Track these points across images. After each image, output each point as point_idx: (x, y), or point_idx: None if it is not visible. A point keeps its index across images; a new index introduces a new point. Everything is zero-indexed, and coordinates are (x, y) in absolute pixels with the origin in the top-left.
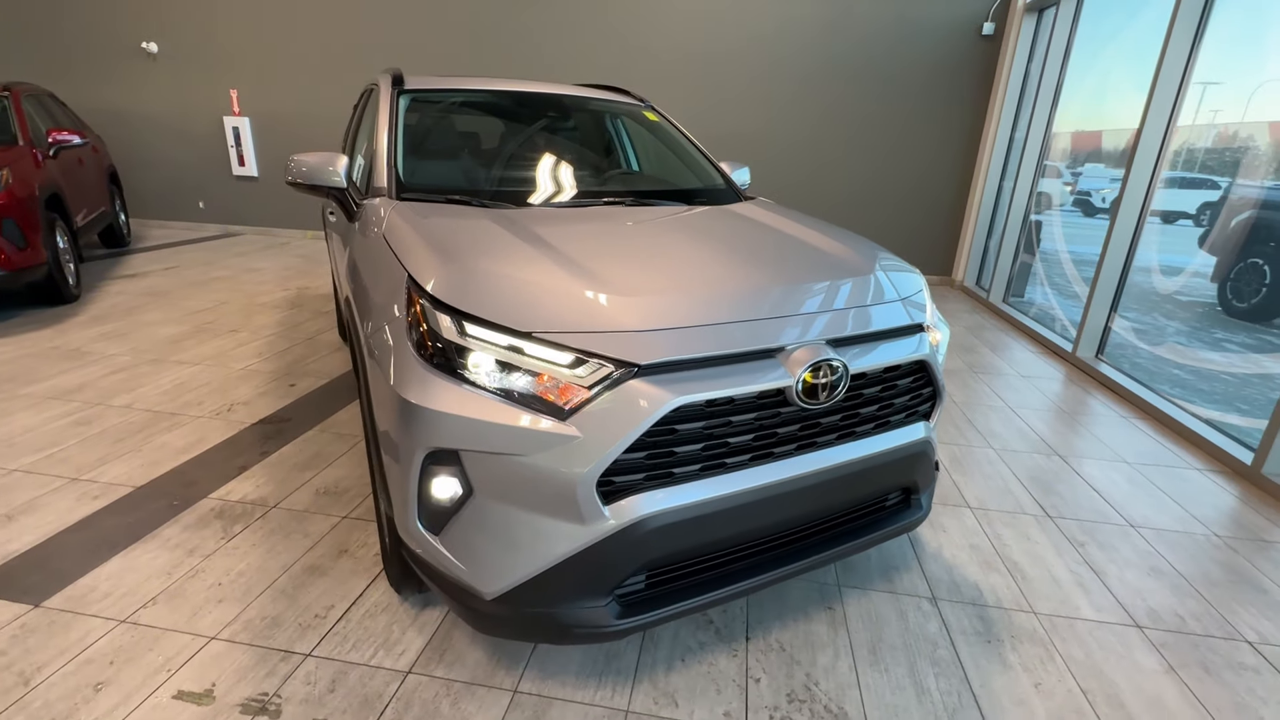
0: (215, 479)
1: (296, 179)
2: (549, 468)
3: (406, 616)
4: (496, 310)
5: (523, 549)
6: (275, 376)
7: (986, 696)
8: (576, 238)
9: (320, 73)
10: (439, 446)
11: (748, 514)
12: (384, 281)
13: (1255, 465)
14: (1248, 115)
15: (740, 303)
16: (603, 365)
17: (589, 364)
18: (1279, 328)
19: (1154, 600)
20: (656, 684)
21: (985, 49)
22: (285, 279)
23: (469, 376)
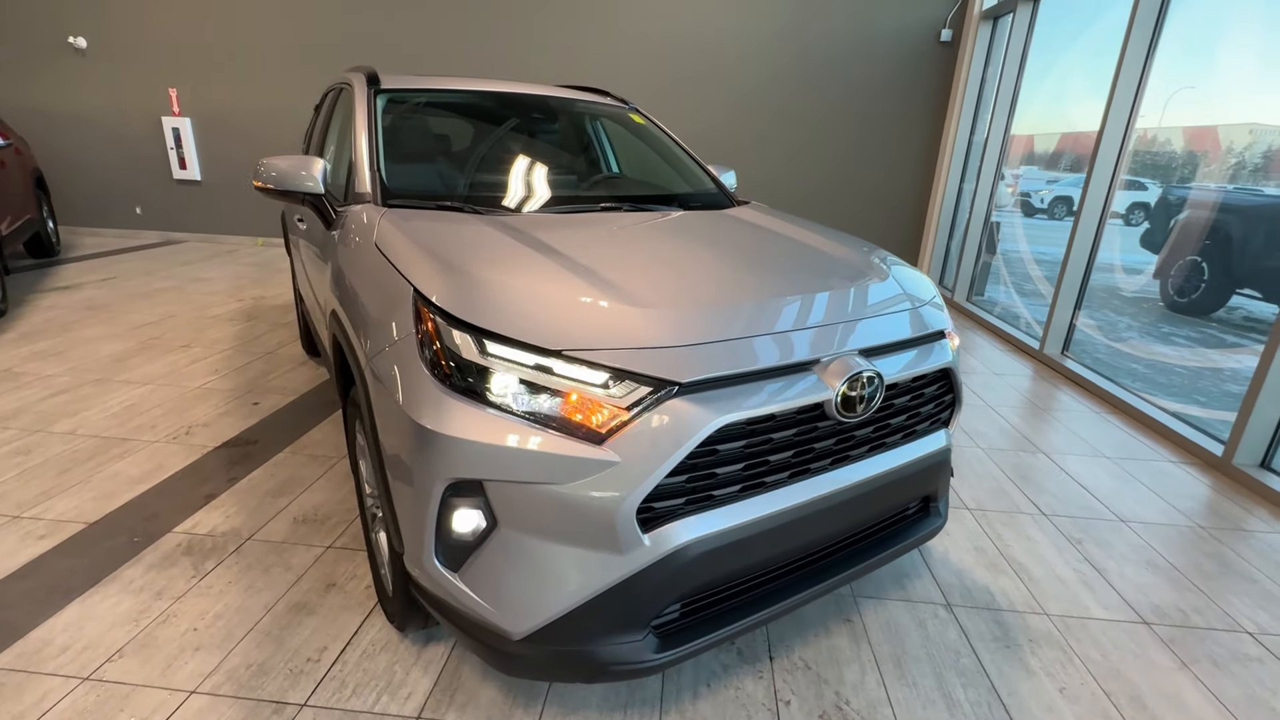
0: (179, 510)
1: (267, 184)
2: (585, 496)
3: (409, 654)
4: (520, 326)
5: (554, 584)
6: (236, 395)
7: (1015, 705)
8: (586, 246)
9: (269, 71)
10: (461, 477)
11: (785, 534)
12: (382, 295)
13: (1226, 456)
14: (1164, 121)
15: (771, 314)
16: (641, 384)
17: (625, 383)
18: (1217, 322)
19: (1156, 595)
20: (684, 713)
21: (944, 55)
22: (237, 289)
23: (493, 399)
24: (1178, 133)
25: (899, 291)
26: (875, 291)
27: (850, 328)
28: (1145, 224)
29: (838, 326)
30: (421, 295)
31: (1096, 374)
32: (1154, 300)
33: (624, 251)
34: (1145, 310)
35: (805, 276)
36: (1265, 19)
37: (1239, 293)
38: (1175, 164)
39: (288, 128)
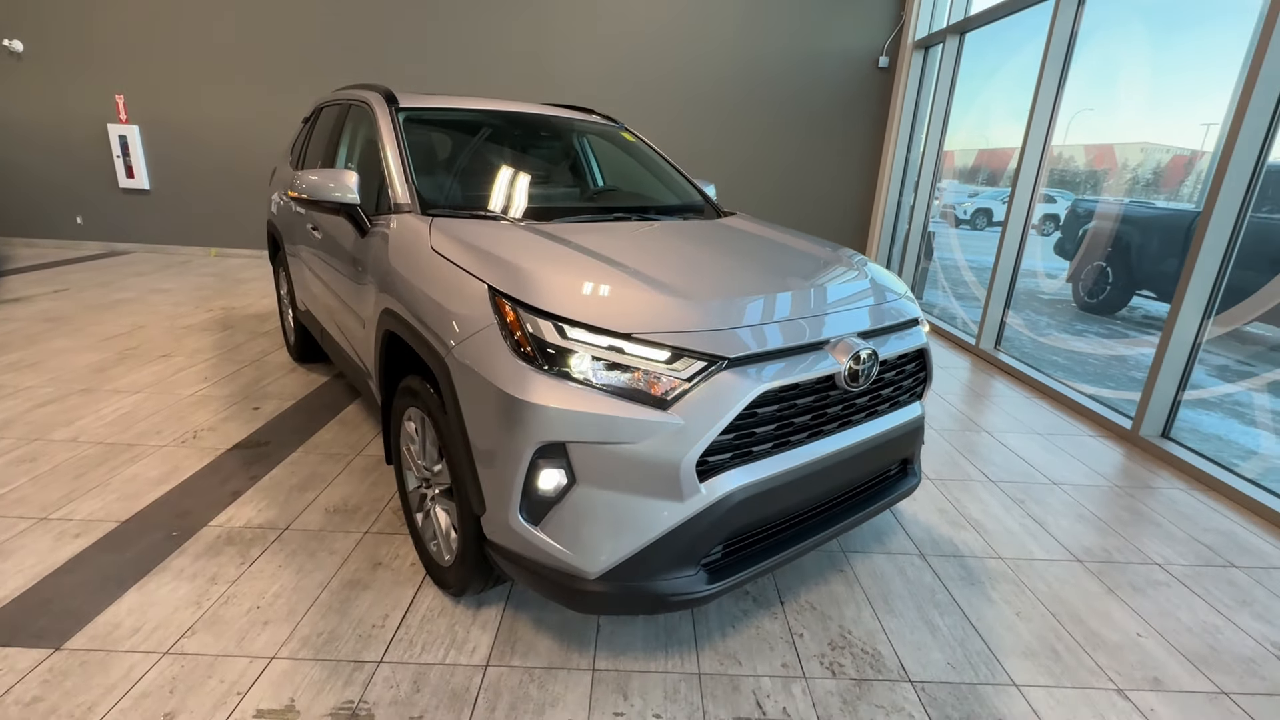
0: (209, 507)
1: (304, 194)
2: (653, 452)
3: (465, 617)
4: (593, 314)
5: (625, 528)
6: (233, 401)
7: (983, 626)
8: (620, 248)
9: (224, 78)
10: (550, 440)
11: (804, 484)
12: (453, 292)
13: (1134, 429)
14: (1068, 139)
15: (789, 303)
16: (696, 359)
17: (684, 359)
18: (1121, 320)
19: (1085, 540)
20: (717, 649)
21: (882, 79)
22: (203, 300)
23: (575, 374)
24: (1080, 150)
25: (882, 286)
26: (863, 287)
27: (849, 315)
28: (1056, 234)
29: (841, 314)
30: (499, 291)
31: (1025, 365)
32: (1068, 301)
33: (653, 252)
34: (1061, 310)
35: (808, 274)
36: (1151, 47)
37: (1139, 294)
38: (1079, 179)
39: (244, 137)
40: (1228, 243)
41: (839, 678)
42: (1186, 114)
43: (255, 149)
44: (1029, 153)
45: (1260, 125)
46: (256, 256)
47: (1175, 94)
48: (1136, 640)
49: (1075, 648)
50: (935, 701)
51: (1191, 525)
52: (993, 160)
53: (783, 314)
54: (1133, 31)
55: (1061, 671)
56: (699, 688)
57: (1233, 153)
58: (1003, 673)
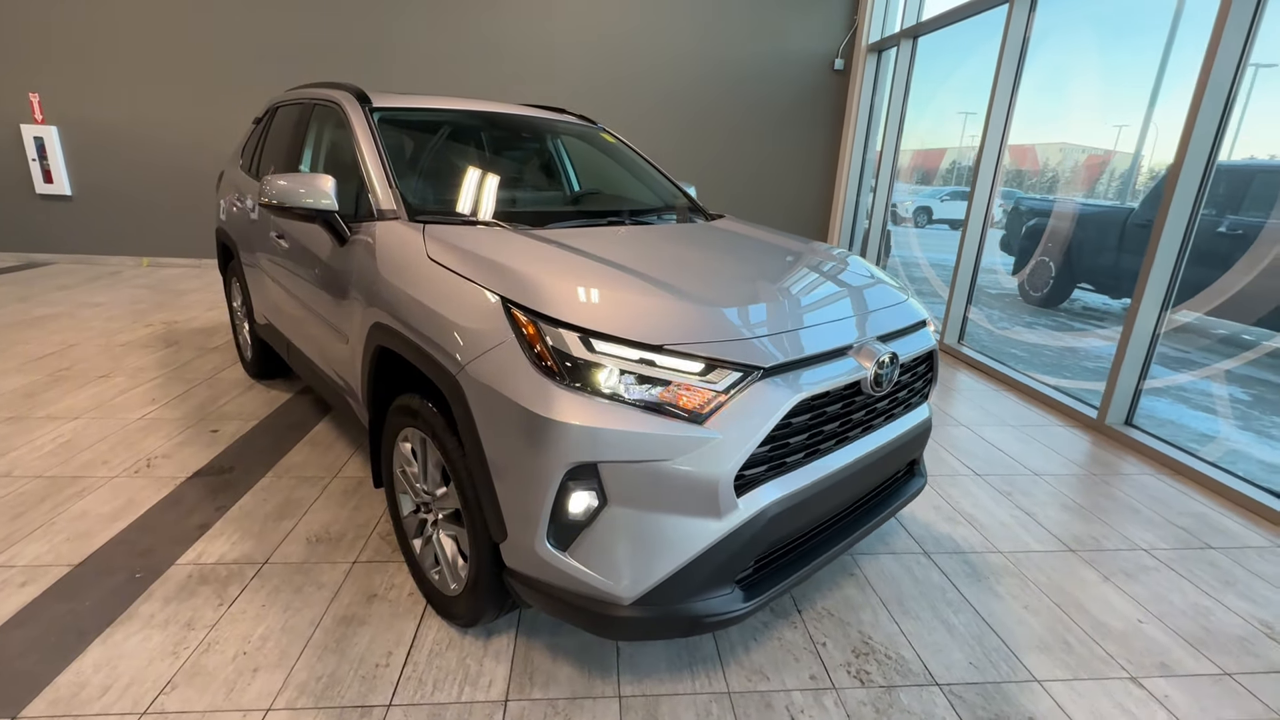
0: (174, 543)
1: (276, 201)
2: (691, 469)
3: (476, 648)
4: (621, 326)
5: (661, 549)
6: (187, 424)
7: (995, 622)
8: (628, 254)
9: (153, 76)
10: (581, 461)
11: (831, 492)
12: (459, 304)
13: (1099, 418)
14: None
15: (816, 309)
16: (732, 370)
17: (719, 370)
18: (1064, 311)
19: (1074, 529)
20: (742, 664)
21: (838, 82)
22: (140, 314)
23: (605, 390)
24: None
25: (889, 289)
26: (875, 290)
27: (866, 319)
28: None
29: (859, 318)
30: (514, 302)
31: (988, 358)
32: (1015, 296)
33: (664, 258)
34: (1010, 304)
35: (824, 279)
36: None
37: (1079, 287)
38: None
39: (178, 139)
40: (1182, 241)
41: (868, 686)
42: (1100, 116)
43: (190, 151)
44: (987, 153)
45: (1208, 132)
46: (194, 266)
47: (1090, 97)
48: (1139, 627)
49: (1085, 638)
50: (965, 703)
51: (1166, 509)
52: (928, 160)
53: (808, 320)
54: (1049, 40)
55: (1077, 664)
56: (731, 708)
57: (1185, 156)
58: (1023, 669)
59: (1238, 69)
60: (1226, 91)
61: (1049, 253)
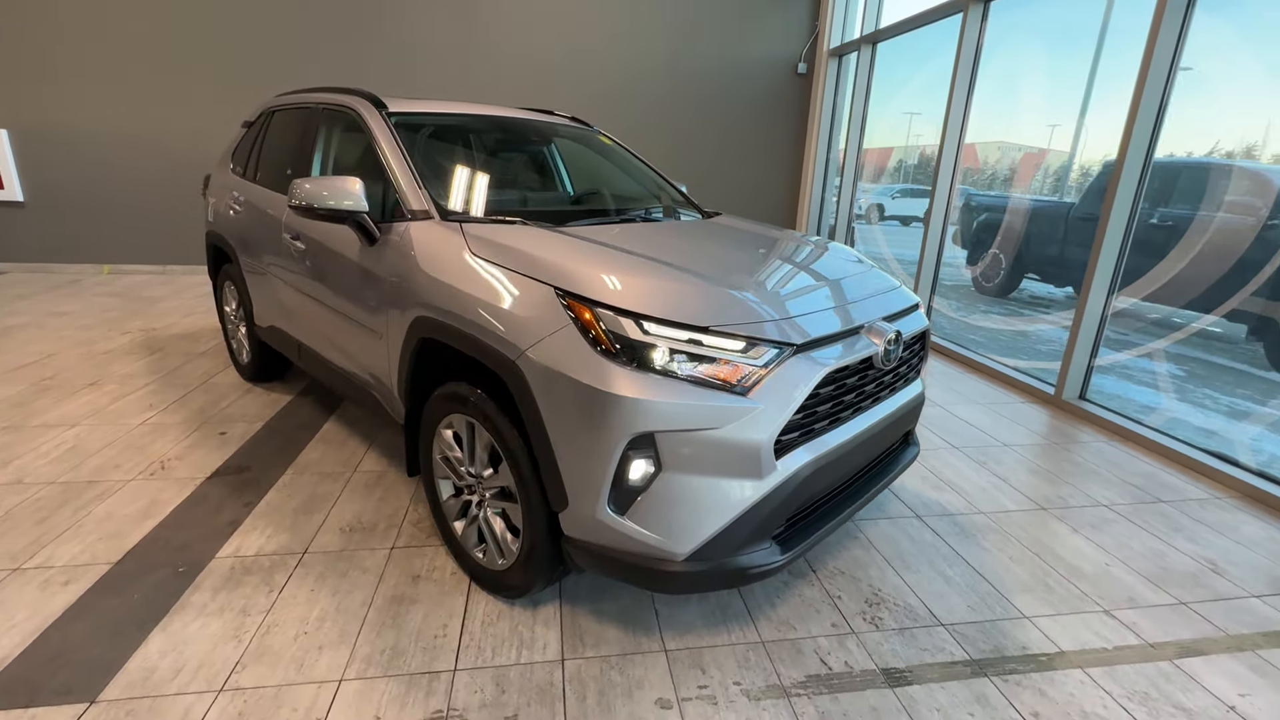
0: (209, 539)
1: (306, 203)
2: (736, 435)
3: (526, 617)
4: (669, 310)
5: (710, 509)
6: (192, 427)
7: (985, 571)
8: (655, 248)
9: (110, 74)
10: (642, 431)
11: (849, 456)
12: (513, 297)
13: (1056, 394)
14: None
15: (829, 293)
16: (769, 347)
17: (758, 347)
18: (1016, 300)
19: (1044, 490)
20: (770, 618)
21: (801, 85)
22: (114, 322)
23: (659, 367)
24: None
25: (884, 276)
26: (872, 277)
27: (874, 302)
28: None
29: (867, 301)
30: (570, 292)
31: (952, 343)
32: (969, 287)
33: (689, 250)
34: (965, 295)
35: (833, 267)
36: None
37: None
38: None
39: (139, 141)
40: (1124, 233)
41: (883, 630)
42: (1035, 117)
43: (152, 154)
44: (945, 153)
45: (1145, 131)
46: (159, 273)
47: (1025, 100)
48: (1107, 570)
49: (1063, 581)
50: (967, 639)
51: (1121, 471)
52: (879, 159)
53: (827, 303)
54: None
55: (1058, 601)
56: (766, 654)
57: (1126, 154)
58: (1014, 608)
59: (1169, 73)
60: (1160, 94)
61: (1000, 246)
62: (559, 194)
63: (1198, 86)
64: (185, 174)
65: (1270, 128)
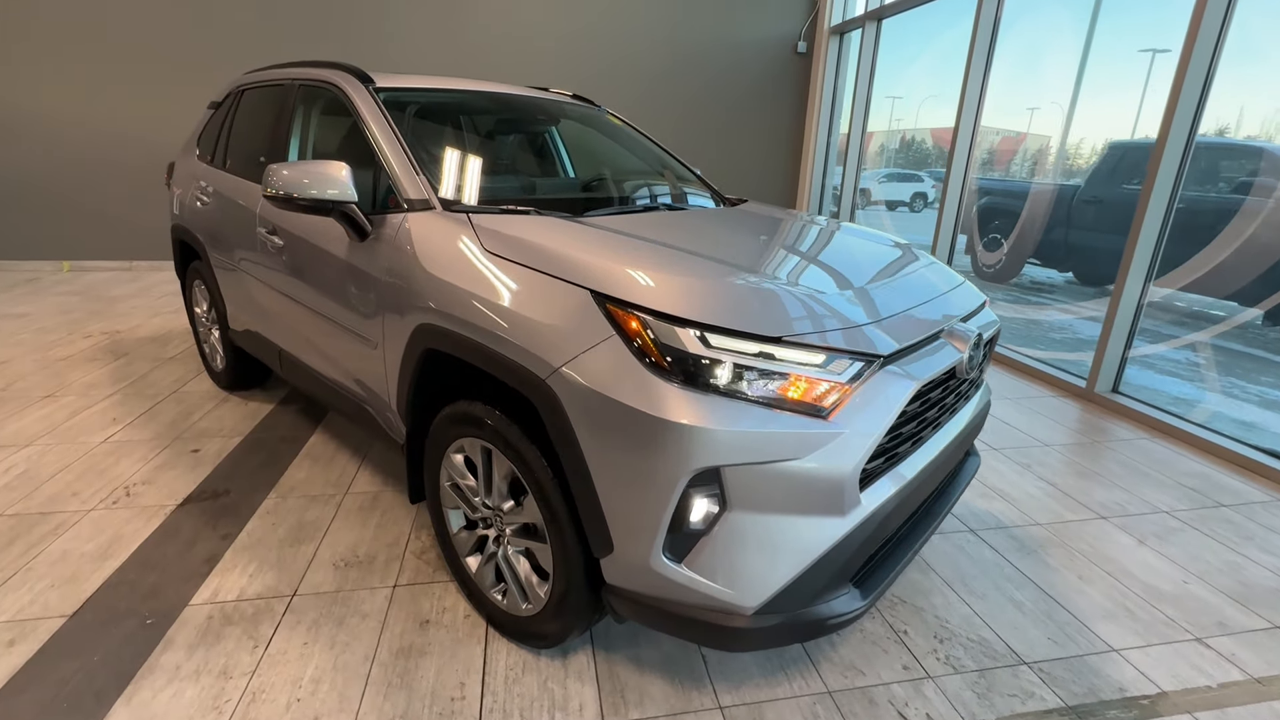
0: (181, 581)
1: (283, 193)
2: (817, 466)
3: (556, 669)
4: (735, 318)
5: (784, 553)
6: (161, 444)
7: (1058, 595)
8: (694, 241)
9: (65, 58)
10: (706, 466)
11: (931, 479)
12: (541, 302)
13: (1089, 387)
14: (919, 122)
15: (902, 292)
16: (853, 360)
17: (840, 360)
18: (1016, 286)
19: (1097, 495)
20: (833, 661)
21: (801, 64)
22: (75, 324)
23: (725, 388)
24: (926, 133)
25: (948, 270)
26: (939, 272)
27: (946, 300)
28: (926, 210)
29: (941, 300)
30: (614, 298)
31: None
32: (966, 271)
33: (735, 245)
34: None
35: (898, 262)
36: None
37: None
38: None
39: (95, 128)
40: (1163, 218)
41: (961, 672)
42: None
43: (112, 143)
44: (960, 136)
45: (1189, 109)
46: (124, 269)
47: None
48: (1186, 588)
49: (1143, 604)
50: (1057, 680)
51: (1171, 471)
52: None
53: (903, 304)
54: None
55: (1144, 629)
56: (836, 708)
57: (1168, 134)
58: (1098, 640)
59: (1216, 46)
60: (1206, 69)
61: (1001, 230)
62: (568, 180)
63: None
64: (149, 162)
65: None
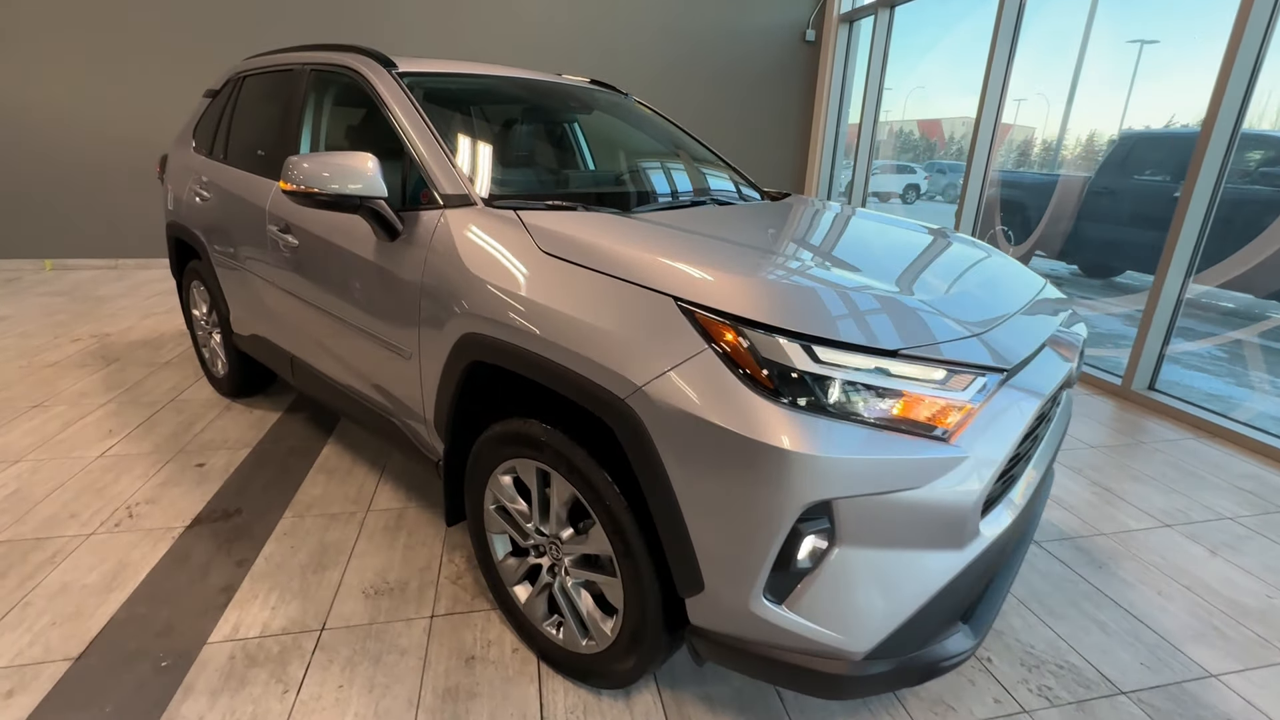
0: (197, 615)
1: (300, 186)
2: (939, 495)
3: (619, 709)
4: (843, 328)
5: (898, 591)
6: (162, 458)
7: (1140, 613)
8: (766, 240)
9: (45, 48)
10: (821, 499)
11: (1034, 499)
12: (617, 310)
13: (1125, 385)
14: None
15: (1004, 296)
16: (975, 374)
17: (962, 375)
18: None
19: (1156, 502)
20: (920, 695)
21: (809, 53)
22: (61, 327)
23: (838, 409)
24: (913, 124)
25: (1030, 272)
26: (1025, 272)
27: (1043, 305)
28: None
29: (1038, 305)
30: (702, 305)
31: None
32: None
33: (818, 245)
34: None
35: (982, 263)
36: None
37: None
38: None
39: (80, 123)
40: (1206, 211)
41: (1058, 704)
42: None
43: (95, 136)
44: (982, 128)
45: (1237, 96)
46: (110, 267)
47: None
48: (1271, 603)
49: (1230, 622)
50: (1159, 711)
51: (1225, 473)
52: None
53: (1007, 310)
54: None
55: (1239, 651)
56: None
57: (1213, 129)
58: (1193, 664)
59: (1267, 29)
60: (1255, 54)
61: (1007, 222)
62: (605, 173)
63: None
64: (135, 154)
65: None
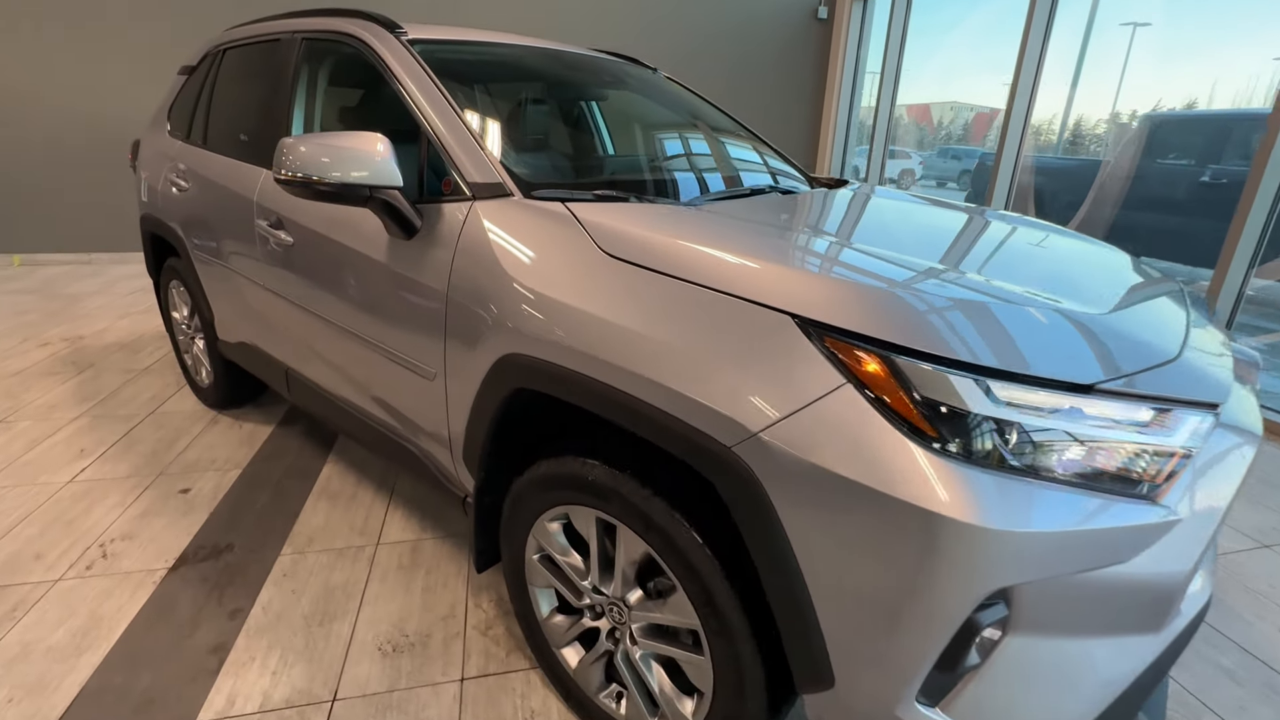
0: (184, 681)
1: (298, 174)
2: (1145, 570)
3: None
4: (1024, 359)
5: (1083, 687)
6: (142, 482)
7: (1266, 657)
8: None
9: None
10: (1005, 584)
11: None
12: (711, 332)
13: None
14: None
15: (1169, 311)
16: (1189, 413)
17: (1170, 413)
18: None
19: (1250, 519)
20: None
21: (821, 32)
22: (30, 329)
23: (1022, 464)
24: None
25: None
26: (1161, 279)
27: (1198, 319)
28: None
29: (1196, 320)
30: (833, 328)
31: None
32: None
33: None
34: None
35: (1122, 269)
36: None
37: None
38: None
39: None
40: (1274, 199)
41: None
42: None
43: (63, 122)
44: (1016, 107)
45: None
46: (83, 263)
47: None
48: None
49: None
50: None
51: None
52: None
53: (1181, 323)
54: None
55: None
56: None
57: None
58: None
59: None
60: None
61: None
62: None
63: None
64: (107, 139)
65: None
